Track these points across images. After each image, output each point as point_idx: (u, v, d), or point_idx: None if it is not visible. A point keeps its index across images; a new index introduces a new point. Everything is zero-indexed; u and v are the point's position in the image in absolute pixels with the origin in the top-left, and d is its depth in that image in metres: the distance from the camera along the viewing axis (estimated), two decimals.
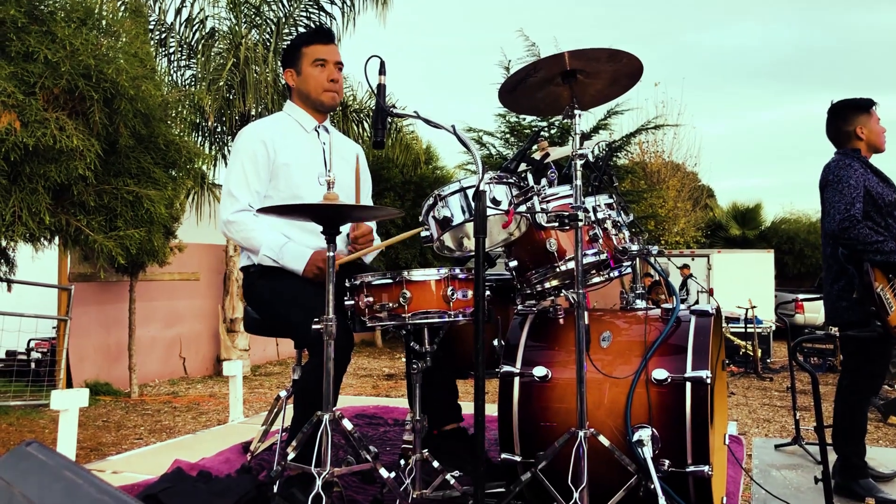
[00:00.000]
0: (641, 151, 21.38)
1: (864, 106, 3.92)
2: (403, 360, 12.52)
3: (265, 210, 2.53)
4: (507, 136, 15.02)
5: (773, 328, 13.17)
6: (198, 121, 10.36)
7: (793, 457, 4.51)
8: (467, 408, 3.30)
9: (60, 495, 1.15)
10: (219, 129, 10.82)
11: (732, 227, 23.73)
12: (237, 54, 9.98)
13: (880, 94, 3.98)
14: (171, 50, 10.36)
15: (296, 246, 3.00)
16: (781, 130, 57.13)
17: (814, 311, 15.13)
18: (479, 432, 2.03)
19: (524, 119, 14.78)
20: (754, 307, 12.35)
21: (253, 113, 10.36)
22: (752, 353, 12.06)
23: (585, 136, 14.50)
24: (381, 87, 2.45)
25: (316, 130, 3.26)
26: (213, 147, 10.91)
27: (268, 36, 10.56)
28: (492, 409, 2.94)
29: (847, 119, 3.92)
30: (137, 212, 5.71)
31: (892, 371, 9.09)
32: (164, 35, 10.26)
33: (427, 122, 2.36)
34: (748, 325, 12.30)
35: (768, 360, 12.65)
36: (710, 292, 16.04)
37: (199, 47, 10.34)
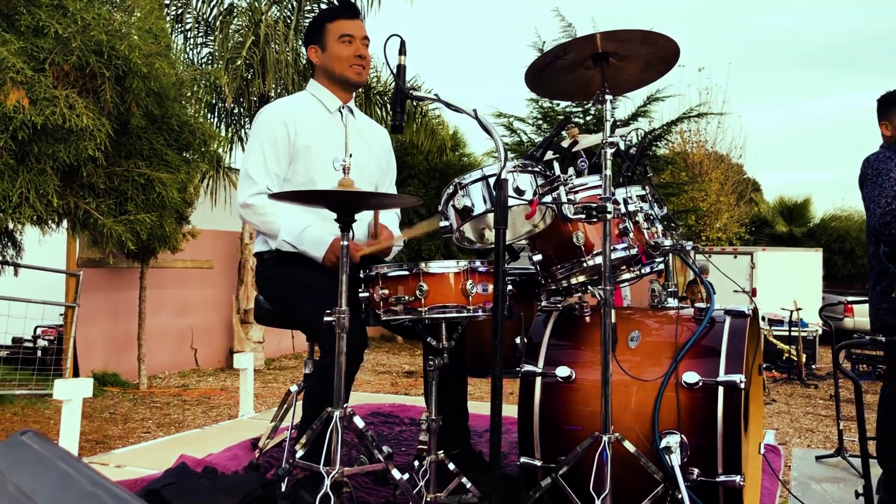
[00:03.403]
0: (683, 141, 21.20)
1: (892, 100, 3.89)
2: None
3: (277, 196, 2.54)
4: (540, 122, 14.98)
5: (820, 332, 13.02)
6: (214, 101, 10.43)
7: (835, 469, 4.48)
8: (486, 408, 3.30)
9: (53, 486, 1.17)
10: (236, 111, 10.89)
11: (779, 224, 23.49)
12: (257, 32, 10.02)
13: None
14: (188, 26, 10.43)
15: (316, 231, 3.00)
16: (835, 121, 56.43)
17: (864, 315, 14.92)
18: (496, 434, 2.03)
19: (558, 104, 14.74)
20: (799, 309, 12.21)
21: (272, 94, 10.40)
22: (795, 359, 11.95)
23: (624, 123, 14.44)
24: (402, 69, 2.45)
25: (340, 111, 3.27)
26: (230, 129, 10.97)
27: (289, 13, 10.59)
28: (511, 411, 2.95)
29: (879, 114, 3.92)
30: (149, 195, 5.77)
31: None
32: (180, 10, 10.33)
33: (448, 105, 2.36)
34: (792, 329, 12.17)
35: (813, 367, 12.51)
36: (754, 293, 15.91)
37: (217, 24, 10.40)
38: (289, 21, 10.42)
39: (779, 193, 26.23)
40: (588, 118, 14.19)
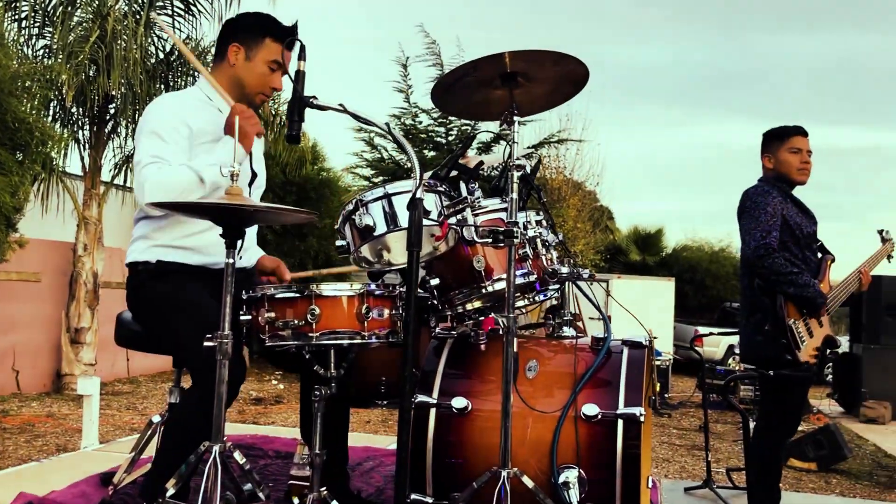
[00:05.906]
0: (543, 166, 21.75)
1: (777, 135, 4.06)
2: (273, 382, 12.26)
3: (157, 205, 2.38)
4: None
5: (672, 361, 13.60)
6: (51, 99, 9.85)
7: (704, 501, 4.66)
8: (367, 440, 3.24)
9: None
10: (74, 110, 10.32)
11: (633, 252, 24.53)
12: (103, 26, 9.55)
13: (805, 124, 4.11)
14: (23, 15, 9.83)
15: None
16: (687, 154, 59.42)
17: (713, 346, 15.74)
18: (403, 470, 1.97)
19: (420, 122, 14.82)
20: (655, 338, 12.70)
21: (117, 94, 9.95)
22: None
23: (487, 147, 14.71)
24: (301, 74, 2.37)
25: None
26: (66, 130, 10.39)
27: (138, 7, 10.18)
28: (384, 441, 2.89)
29: (763, 147, 4.09)
30: None
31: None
32: None
33: (356, 117, 2.30)
34: None
35: (666, 396, 13.05)
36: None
37: (58, 14, 9.85)
38: (139, 17, 10.00)
39: (633, 222, 27.41)
40: (451, 138, 14.35)
